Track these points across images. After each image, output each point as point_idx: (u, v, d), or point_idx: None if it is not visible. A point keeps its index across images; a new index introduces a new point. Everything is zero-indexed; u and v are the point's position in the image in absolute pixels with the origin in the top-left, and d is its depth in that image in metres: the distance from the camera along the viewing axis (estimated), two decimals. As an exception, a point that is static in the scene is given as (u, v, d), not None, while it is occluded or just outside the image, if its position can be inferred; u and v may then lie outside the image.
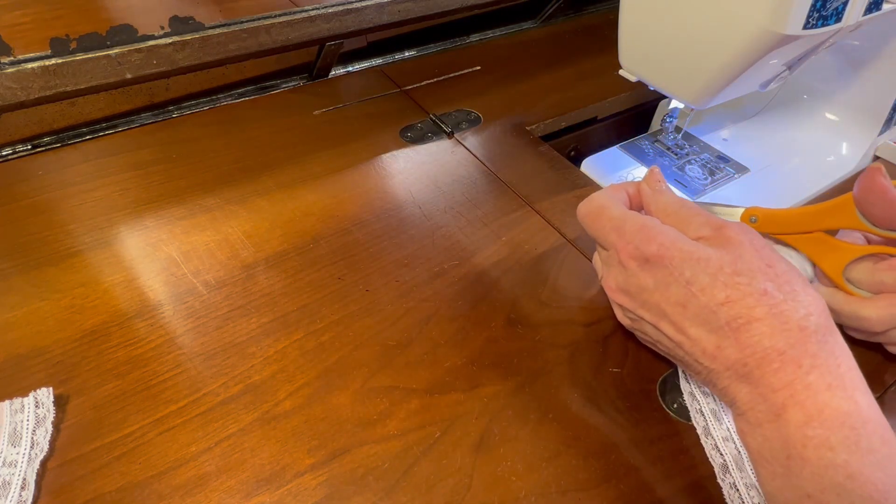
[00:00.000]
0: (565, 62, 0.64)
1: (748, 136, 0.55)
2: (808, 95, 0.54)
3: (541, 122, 0.54)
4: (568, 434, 0.30)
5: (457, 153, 0.49)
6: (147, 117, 0.52)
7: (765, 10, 0.31)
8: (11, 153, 0.47)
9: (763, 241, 0.28)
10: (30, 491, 0.26)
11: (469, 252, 0.40)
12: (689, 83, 0.38)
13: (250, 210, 0.42)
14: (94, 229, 0.40)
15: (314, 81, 0.59)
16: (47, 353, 0.32)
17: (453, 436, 0.29)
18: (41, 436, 0.28)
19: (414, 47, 0.65)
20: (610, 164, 0.50)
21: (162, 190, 0.43)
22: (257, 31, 0.49)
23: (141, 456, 0.28)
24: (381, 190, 0.45)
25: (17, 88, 0.42)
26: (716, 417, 0.30)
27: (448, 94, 0.57)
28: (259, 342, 0.33)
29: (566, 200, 0.45)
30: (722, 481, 0.28)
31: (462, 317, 0.35)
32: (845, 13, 0.33)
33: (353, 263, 0.38)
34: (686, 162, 0.50)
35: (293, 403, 0.30)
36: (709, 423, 0.30)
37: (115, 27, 0.44)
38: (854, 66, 0.49)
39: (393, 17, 0.56)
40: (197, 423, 0.29)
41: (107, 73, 0.45)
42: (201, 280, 0.37)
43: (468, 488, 0.27)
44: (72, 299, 0.35)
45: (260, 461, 0.28)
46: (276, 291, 0.36)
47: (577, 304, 0.37)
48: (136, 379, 0.31)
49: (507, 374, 0.32)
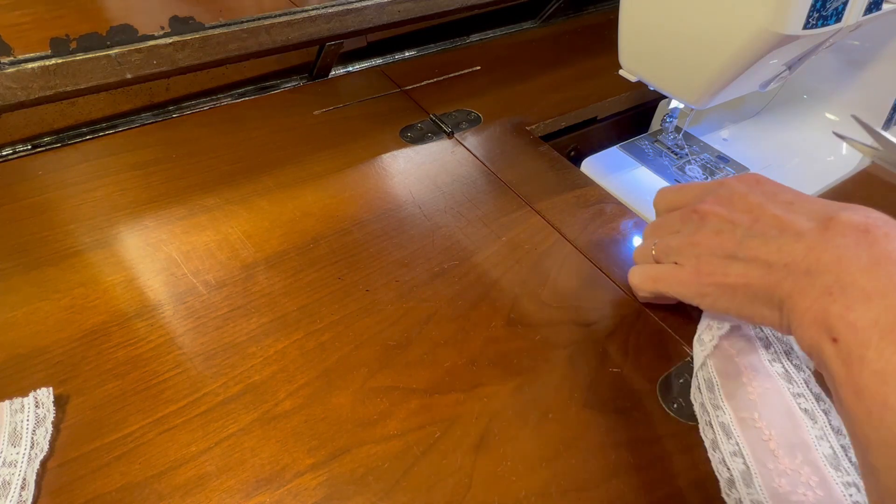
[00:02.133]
0: (565, 62, 0.64)
1: (748, 136, 0.55)
2: (808, 95, 0.54)
3: (541, 122, 0.54)
4: (568, 434, 0.30)
5: (457, 153, 0.49)
6: (147, 117, 0.52)
7: (765, 10, 0.31)
8: (11, 153, 0.47)
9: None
10: (30, 491, 0.26)
11: (469, 252, 0.40)
12: (689, 83, 0.38)
13: (250, 210, 0.42)
14: (94, 229, 0.40)
15: (314, 81, 0.59)
16: (47, 353, 0.32)
17: (453, 436, 0.29)
18: (41, 436, 0.28)
19: (414, 47, 0.65)
20: (610, 164, 0.50)
21: (162, 190, 0.43)
22: (257, 31, 0.49)
23: (141, 456, 0.28)
24: (381, 190, 0.45)
25: (17, 88, 0.42)
26: (725, 431, 0.29)
27: (448, 94, 0.57)
28: (259, 342, 0.33)
29: (566, 200, 0.45)
30: (727, 496, 0.27)
31: (462, 317, 0.35)
32: (845, 13, 0.33)
33: (353, 263, 0.38)
34: (686, 162, 0.50)
35: (293, 403, 0.30)
36: (718, 437, 0.29)
37: (115, 27, 0.44)
38: (854, 66, 0.49)
39: (393, 17, 0.56)
40: (197, 423, 0.29)
41: (107, 73, 0.45)
42: (201, 280, 0.37)
43: (468, 488, 0.27)
44: (72, 299, 0.35)
45: (260, 461, 0.28)
46: (276, 291, 0.36)
47: (577, 304, 0.37)
48: (136, 379, 0.31)
49: (507, 374, 0.32)
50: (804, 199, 0.28)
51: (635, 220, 0.43)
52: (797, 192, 0.29)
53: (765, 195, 0.29)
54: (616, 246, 0.41)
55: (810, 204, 0.28)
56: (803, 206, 0.28)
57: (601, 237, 0.41)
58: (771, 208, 0.28)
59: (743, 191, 0.30)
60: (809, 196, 0.29)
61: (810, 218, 0.27)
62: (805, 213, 0.27)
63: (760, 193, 0.30)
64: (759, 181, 0.31)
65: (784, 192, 0.30)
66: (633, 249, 0.41)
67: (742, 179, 0.31)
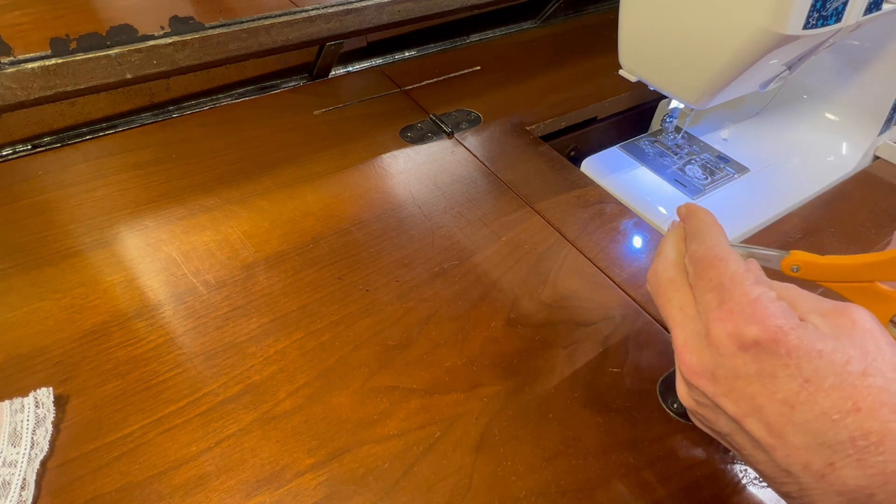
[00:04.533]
0: (565, 62, 0.64)
1: (748, 136, 0.55)
2: (808, 95, 0.54)
3: (541, 122, 0.54)
4: (568, 434, 0.30)
5: (457, 153, 0.49)
6: (147, 117, 0.52)
7: (765, 10, 0.31)
8: (11, 153, 0.47)
9: (883, 329, 0.22)
10: (30, 491, 0.26)
11: (469, 252, 0.40)
12: (689, 83, 0.38)
13: (250, 210, 0.42)
14: (94, 229, 0.40)
15: (314, 81, 0.59)
16: (47, 353, 0.32)
17: (453, 436, 0.29)
18: (41, 436, 0.28)
19: (414, 47, 0.65)
20: (610, 165, 0.50)
21: (162, 190, 0.43)
22: (257, 31, 0.49)
23: (141, 456, 0.28)
24: (381, 190, 0.45)
25: (17, 88, 0.42)
26: None
27: (448, 94, 0.57)
28: (259, 342, 0.33)
29: (566, 200, 0.45)
30: None
31: (462, 317, 0.35)
32: (845, 13, 0.33)
33: (353, 263, 0.38)
34: (686, 162, 0.50)
35: (293, 403, 0.30)
36: None
37: (115, 27, 0.44)
38: (854, 66, 0.49)
39: (393, 17, 0.56)
40: (197, 423, 0.29)
41: (107, 73, 0.45)
42: (201, 280, 0.37)
43: (468, 488, 0.27)
44: (72, 299, 0.35)
45: (260, 461, 0.28)
46: (276, 291, 0.36)
47: (576, 304, 0.37)
48: (136, 379, 0.31)
49: (507, 374, 0.32)
50: (811, 400, 0.21)
51: (635, 219, 0.43)
52: (815, 377, 0.21)
53: (762, 387, 0.22)
54: (616, 246, 0.41)
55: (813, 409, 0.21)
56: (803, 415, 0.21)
57: (601, 237, 0.41)
58: (763, 414, 0.22)
59: (746, 371, 0.22)
60: (821, 386, 0.21)
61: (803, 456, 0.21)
62: (802, 432, 0.21)
63: (759, 383, 0.22)
64: (776, 343, 0.21)
65: (797, 376, 0.21)
66: (632, 250, 0.41)
67: (765, 332, 0.22)
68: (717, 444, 0.30)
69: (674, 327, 0.26)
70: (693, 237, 0.27)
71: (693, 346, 0.24)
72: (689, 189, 0.47)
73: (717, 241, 0.25)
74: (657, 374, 0.33)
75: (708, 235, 0.26)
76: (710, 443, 0.30)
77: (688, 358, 0.24)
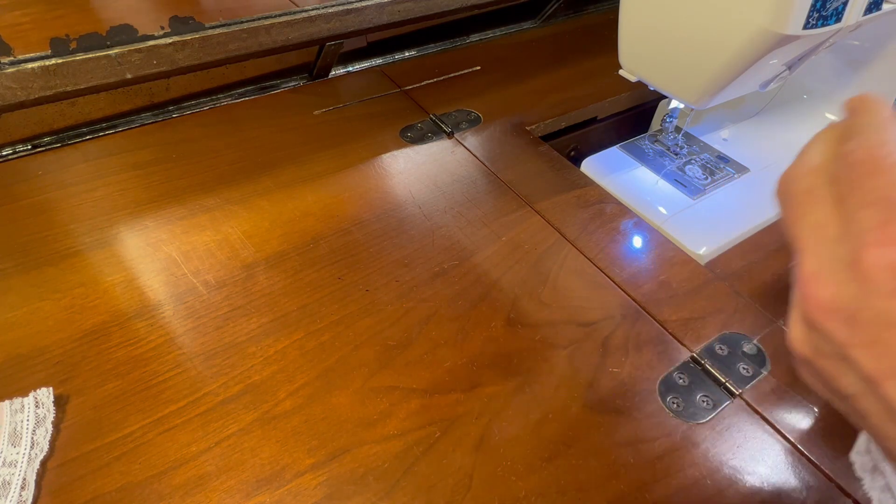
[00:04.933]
0: (565, 62, 0.64)
1: (748, 136, 0.55)
2: (808, 95, 0.54)
3: (541, 122, 0.54)
4: (568, 434, 0.30)
5: (457, 153, 0.49)
6: (147, 117, 0.52)
7: (765, 10, 0.31)
8: (11, 153, 0.47)
9: None
10: (30, 491, 0.26)
11: (469, 252, 0.40)
12: (689, 83, 0.38)
13: (250, 210, 0.42)
14: (94, 229, 0.40)
15: (314, 81, 0.59)
16: (47, 353, 0.32)
17: (453, 436, 0.29)
18: (41, 436, 0.28)
19: (414, 47, 0.65)
20: (610, 164, 0.50)
21: (162, 190, 0.43)
22: (257, 31, 0.49)
23: (141, 456, 0.28)
24: (381, 190, 0.45)
25: (17, 88, 0.42)
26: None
27: (448, 94, 0.57)
28: (259, 342, 0.33)
29: (566, 200, 0.45)
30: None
31: (462, 317, 0.35)
32: (845, 13, 0.33)
33: (353, 263, 0.38)
34: (686, 162, 0.50)
35: (293, 403, 0.30)
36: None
37: (115, 27, 0.44)
38: (854, 66, 0.49)
39: (393, 17, 0.56)
40: (197, 423, 0.29)
41: (107, 73, 0.45)
42: (201, 280, 0.37)
43: (468, 488, 0.27)
44: (72, 299, 0.35)
45: (260, 461, 0.28)
46: (276, 291, 0.36)
47: (577, 304, 0.37)
48: (136, 379, 0.31)
49: (507, 374, 0.32)
50: None
51: (635, 219, 0.43)
52: None
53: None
54: (616, 246, 0.41)
55: None
56: None
57: (601, 237, 0.41)
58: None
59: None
60: None
61: None
62: None
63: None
64: None
65: None
66: (632, 250, 0.41)
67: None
68: (717, 443, 0.30)
69: (804, 250, 0.20)
70: (854, 135, 0.19)
71: (828, 277, 0.19)
72: (688, 189, 0.47)
73: (886, 140, 0.19)
74: (657, 374, 0.33)
75: (877, 132, 0.19)
76: (710, 442, 0.30)
77: (817, 291, 0.19)
